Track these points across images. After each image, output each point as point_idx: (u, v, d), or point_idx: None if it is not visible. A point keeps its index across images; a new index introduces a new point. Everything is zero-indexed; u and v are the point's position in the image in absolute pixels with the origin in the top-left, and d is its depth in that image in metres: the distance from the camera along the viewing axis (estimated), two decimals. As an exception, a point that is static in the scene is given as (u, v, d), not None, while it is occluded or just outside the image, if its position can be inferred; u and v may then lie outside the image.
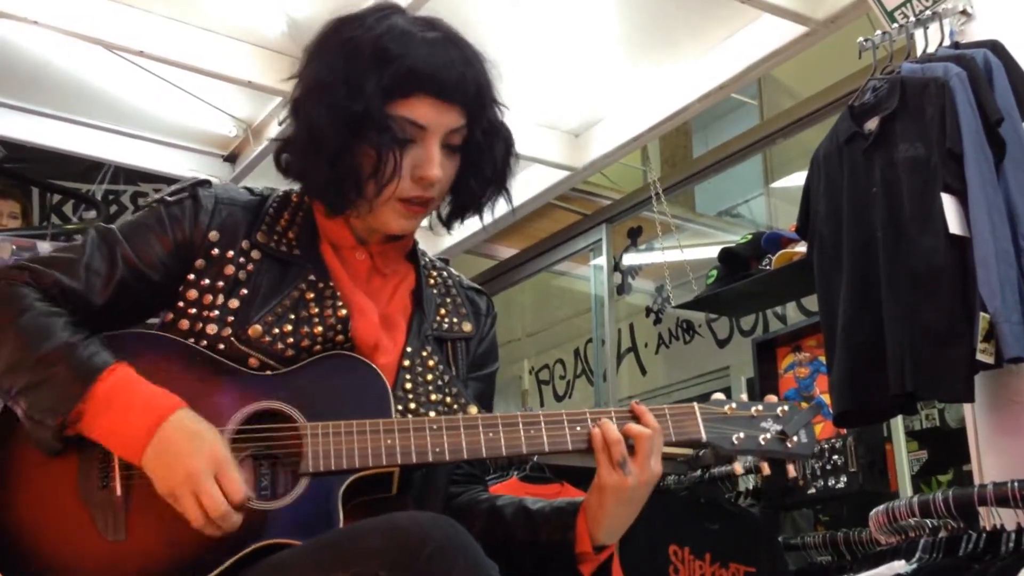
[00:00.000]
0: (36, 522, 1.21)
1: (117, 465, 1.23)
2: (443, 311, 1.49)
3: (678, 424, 1.41)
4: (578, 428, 1.36)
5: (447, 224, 1.51)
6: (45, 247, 3.21)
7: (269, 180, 1.54)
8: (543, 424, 1.34)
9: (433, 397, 1.39)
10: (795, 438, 1.43)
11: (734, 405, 1.44)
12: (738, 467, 1.47)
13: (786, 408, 1.45)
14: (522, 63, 3.53)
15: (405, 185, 1.36)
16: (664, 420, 1.39)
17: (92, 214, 5.10)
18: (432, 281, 1.52)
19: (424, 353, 1.42)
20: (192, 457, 1.19)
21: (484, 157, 1.43)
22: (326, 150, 1.34)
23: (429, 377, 1.40)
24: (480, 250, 5.62)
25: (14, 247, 3.19)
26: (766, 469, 1.46)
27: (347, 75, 1.33)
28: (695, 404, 1.43)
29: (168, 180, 4.77)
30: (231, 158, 4.33)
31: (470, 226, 1.56)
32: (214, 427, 1.24)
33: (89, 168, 4.97)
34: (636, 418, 1.38)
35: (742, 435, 1.41)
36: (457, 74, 1.36)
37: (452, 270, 1.58)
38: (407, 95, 1.34)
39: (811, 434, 1.45)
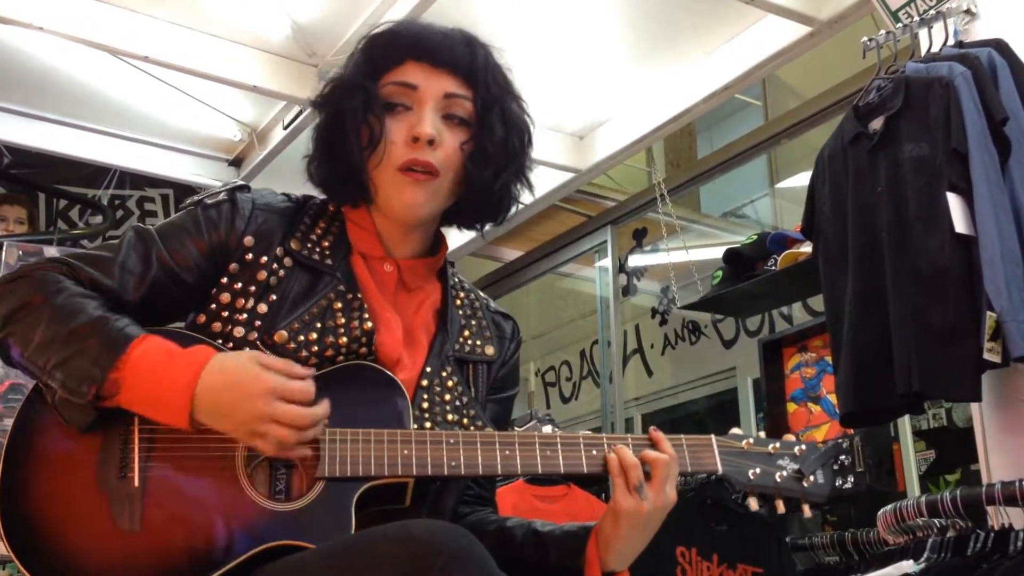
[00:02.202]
0: (54, 509, 1.22)
1: (136, 455, 1.25)
2: (467, 333, 1.50)
3: (695, 455, 1.41)
4: (594, 452, 1.37)
5: (462, 222, 1.51)
6: (52, 252, 3.22)
7: (274, 184, 1.55)
8: (559, 446, 1.36)
9: (450, 417, 1.40)
10: (811, 478, 1.44)
11: (751, 440, 1.45)
12: (753, 502, 1.48)
13: (804, 447, 1.46)
14: (526, 66, 3.52)
15: (399, 151, 1.38)
16: (681, 450, 1.40)
17: (98, 219, 5.12)
18: (459, 302, 1.53)
19: (443, 373, 1.43)
20: (248, 399, 1.21)
21: (494, 141, 1.42)
22: (337, 138, 1.39)
23: (447, 397, 1.41)
24: (485, 252, 5.63)
25: (20, 252, 3.21)
26: (781, 507, 1.45)
27: (347, 68, 1.43)
28: (712, 436, 1.44)
29: (173, 185, 4.80)
30: (236, 162, 4.34)
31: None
32: (245, 358, 1.25)
33: (95, 173, 4.98)
34: (653, 445, 1.39)
35: (758, 470, 1.42)
36: (447, 42, 1.41)
37: (480, 292, 1.59)
38: (399, 62, 1.41)
39: (828, 475, 1.46)
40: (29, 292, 1.28)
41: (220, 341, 1.34)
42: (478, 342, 1.50)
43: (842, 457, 1.52)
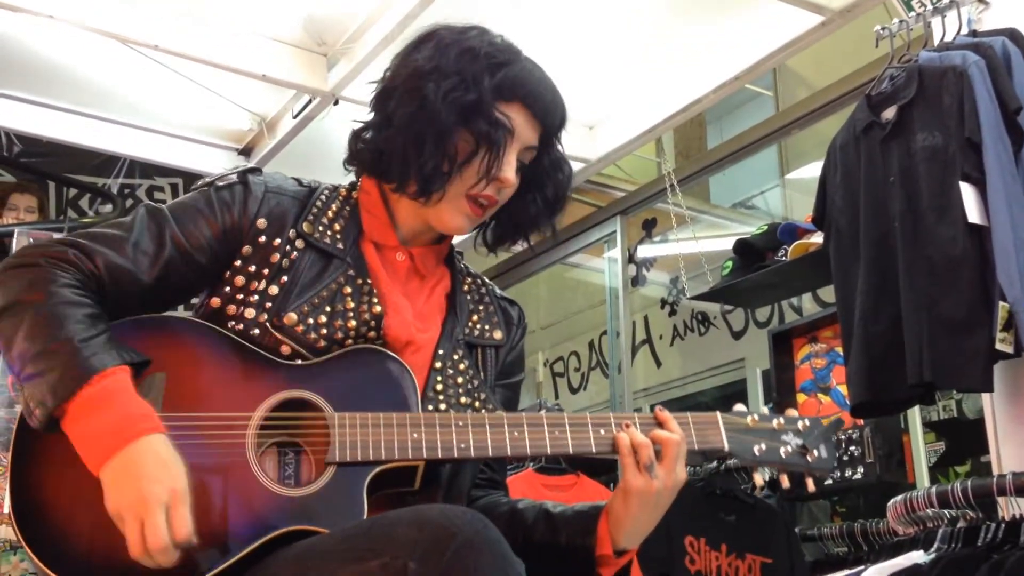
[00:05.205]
0: (65, 497, 1.22)
1: None
2: (475, 317, 1.52)
3: (701, 433, 1.42)
4: (602, 432, 1.37)
5: (495, 245, 1.55)
6: (62, 241, 3.22)
7: (285, 173, 1.54)
8: (568, 426, 1.36)
9: (463, 400, 1.41)
10: (815, 452, 1.45)
11: (756, 417, 1.46)
12: (758, 478, 1.48)
13: (807, 423, 1.47)
14: (535, 56, 3.52)
15: (480, 182, 1.41)
16: (687, 428, 1.41)
17: (108, 208, 5.13)
18: (467, 287, 1.55)
19: (455, 356, 1.44)
20: (149, 483, 1.16)
21: (550, 181, 1.51)
22: (433, 129, 1.37)
23: (459, 380, 1.42)
24: (493, 242, 5.60)
25: (31, 240, 3.22)
26: (785, 482, 1.47)
27: (461, 68, 1.40)
28: (718, 413, 1.44)
29: (183, 174, 4.81)
30: (246, 151, 4.34)
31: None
32: (181, 460, 1.21)
33: (105, 162, 5.00)
34: (660, 424, 1.40)
35: (763, 446, 1.43)
36: (553, 98, 1.47)
37: (486, 279, 1.61)
38: (509, 100, 1.42)
39: (831, 450, 1.47)
40: (24, 290, 1.26)
41: (232, 323, 1.34)
42: (487, 327, 1.51)
43: (852, 448, 1.52)
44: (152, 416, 1.22)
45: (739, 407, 1.48)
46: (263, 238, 1.38)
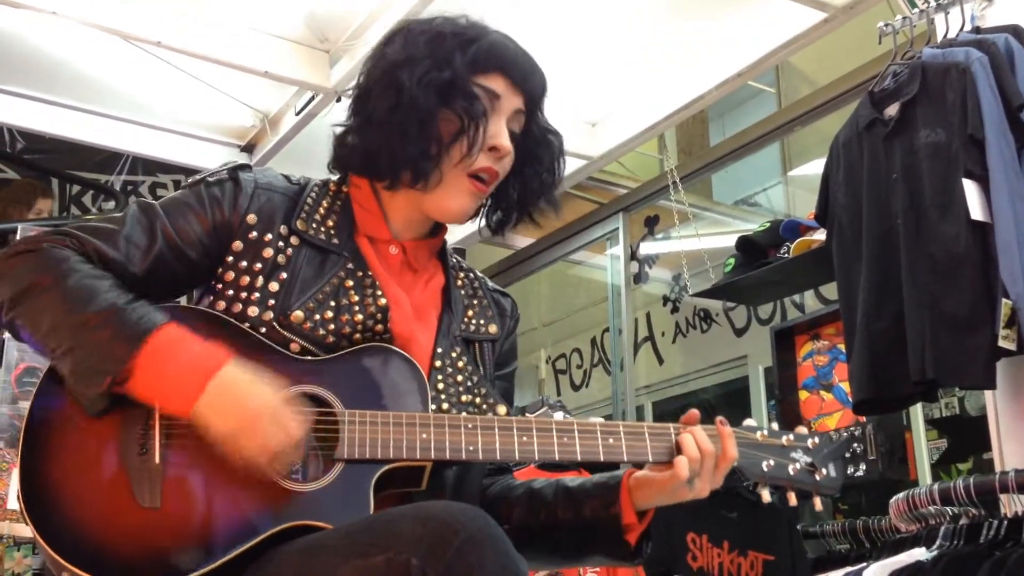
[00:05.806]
0: (74, 485, 1.23)
1: (157, 433, 1.25)
2: (470, 312, 1.52)
3: None
4: (611, 440, 1.38)
5: (500, 227, 1.55)
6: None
7: (286, 170, 1.55)
8: (576, 432, 1.37)
9: (464, 398, 1.42)
10: (823, 471, 1.46)
11: (765, 432, 1.46)
12: (765, 494, 1.48)
13: (816, 440, 1.48)
14: (537, 53, 3.51)
15: (478, 156, 1.41)
16: None
17: (111, 204, 5.13)
18: (460, 282, 1.55)
19: (454, 354, 1.45)
20: (248, 400, 1.22)
21: (543, 149, 1.51)
22: (415, 115, 1.38)
23: (459, 378, 1.43)
24: (496, 239, 5.62)
25: (35, 237, 3.22)
26: (793, 500, 1.47)
27: (432, 52, 1.41)
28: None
29: (186, 170, 4.81)
30: (248, 148, 4.34)
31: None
32: (261, 376, 1.26)
33: (108, 159, 5.01)
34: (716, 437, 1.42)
35: (772, 463, 1.44)
36: (530, 63, 1.48)
37: (478, 272, 1.61)
38: (487, 71, 1.43)
39: (840, 469, 1.47)
40: (36, 271, 1.28)
41: (237, 323, 1.34)
42: (482, 321, 1.52)
43: (854, 445, 1.51)
44: (219, 348, 1.26)
45: (749, 422, 1.48)
46: (253, 234, 1.39)
